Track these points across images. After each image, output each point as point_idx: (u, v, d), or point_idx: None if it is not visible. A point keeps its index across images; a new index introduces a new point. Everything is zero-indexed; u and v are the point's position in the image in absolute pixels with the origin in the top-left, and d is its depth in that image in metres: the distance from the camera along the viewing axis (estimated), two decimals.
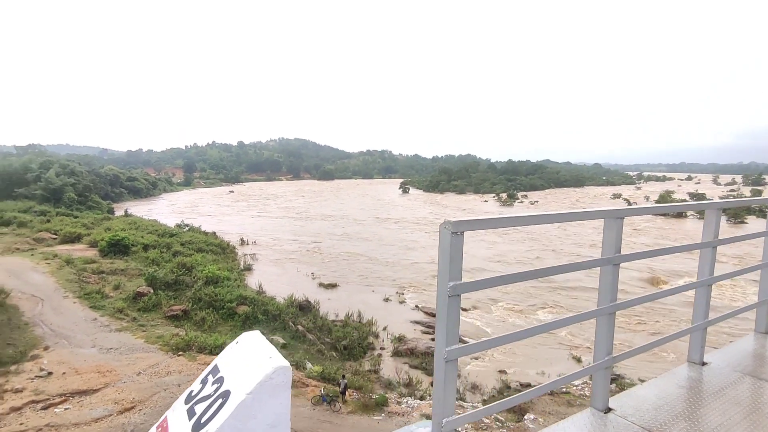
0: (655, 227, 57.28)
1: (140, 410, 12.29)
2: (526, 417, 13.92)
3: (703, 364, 3.08)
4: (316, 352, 19.40)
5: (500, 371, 18.80)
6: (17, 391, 13.00)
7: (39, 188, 51.15)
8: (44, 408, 12.22)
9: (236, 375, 1.41)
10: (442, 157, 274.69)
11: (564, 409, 14.92)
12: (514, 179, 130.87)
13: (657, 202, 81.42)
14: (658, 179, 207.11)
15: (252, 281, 29.79)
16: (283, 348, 18.34)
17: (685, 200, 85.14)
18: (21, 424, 11.41)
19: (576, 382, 17.12)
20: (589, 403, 2.52)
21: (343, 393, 14.38)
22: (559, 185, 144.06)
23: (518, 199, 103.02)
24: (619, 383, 16.77)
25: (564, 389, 16.62)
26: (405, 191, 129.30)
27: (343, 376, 15.53)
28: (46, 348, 16.12)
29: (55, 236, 35.84)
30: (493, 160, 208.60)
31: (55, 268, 25.83)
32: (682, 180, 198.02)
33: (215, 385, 1.47)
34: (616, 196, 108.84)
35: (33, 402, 12.47)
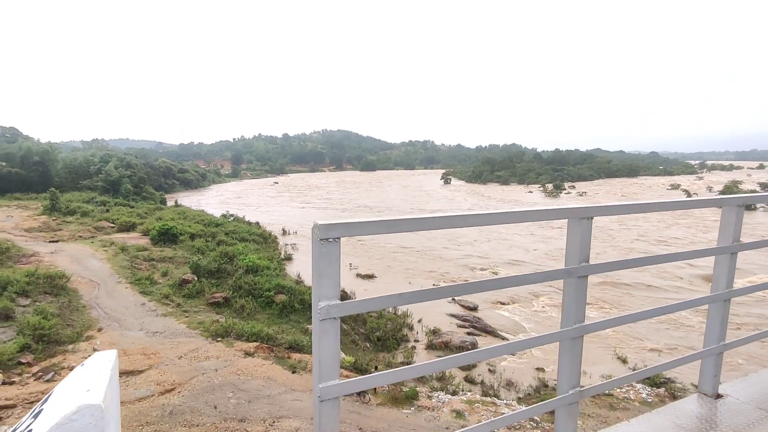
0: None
1: (179, 392, 12.87)
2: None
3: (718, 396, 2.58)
4: (350, 342, 19.56)
5: (537, 368, 18.18)
6: (72, 369, 13.99)
7: (100, 180, 54.80)
8: None
9: (48, 411, 1.11)
10: (485, 147, 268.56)
11: (605, 413, 14.19)
12: (561, 169, 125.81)
13: (722, 192, 75.42)
14: (723, 168, 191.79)
15: (291, 271, 30.49)
16: None
17: (754, 191, 78.46)
18: None
19: (623, 386, 16.24)
20: (635, 408, 2.48)
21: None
22: (611, 175, 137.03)
23: (565, 189, 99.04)
24: (669, 388, 15.76)
25: (608, 392, 15.83)
26: (447, 182, 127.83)
27: (376, 368, 15.57)
28: (99, 329, 17.25)
29: (113, 225, 38.35)
30: (539, 150, 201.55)
31: (111, 255, 27.60)
32: (753, 168, 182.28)
33: (29, 422, 1.15)
34: (674, 186, 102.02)
35: None
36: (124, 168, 58.94)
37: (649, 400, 14.67)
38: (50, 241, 30.97)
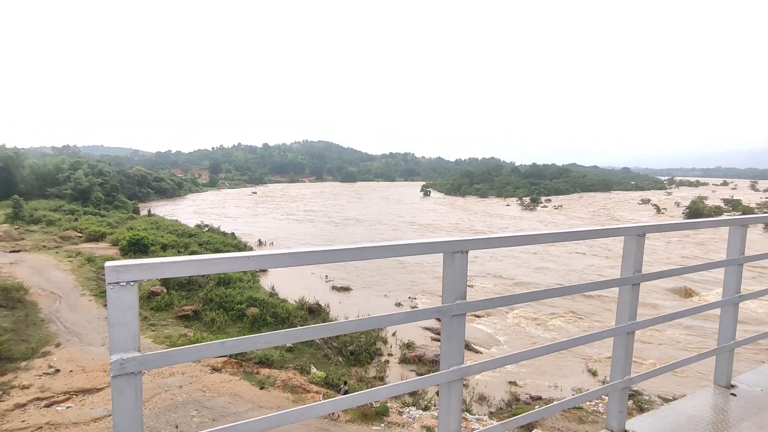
0: (717, 238, 54.24)
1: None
2: None
3: (731, 386, 2.85)
4: (323, 356, 19.19)
5: (510, 382, 18.15)
6: (24, 387, 13.25)
7: (69, 188, 53.02)
8: (47, 406, 12.40)
9: None
10: (465, 160, 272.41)
11: (575, 426, 14.24)
12: (538, 183, 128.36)
13: (688, 207, 78.10)
14: (690, 184, 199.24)
15: (266, 282, 29.91)
16: (288, 351, 18.23)
17: (719, 207, 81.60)
18: (23, 421, 11.58)
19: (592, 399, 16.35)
20: (603, 421, 2.37)
21: None
22: (585, 189, 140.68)
23: (542, 203, 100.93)
24: (637, 400, 15.92)
25: (578, 405, 15.90)
26: (426, 194, 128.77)
27: (345, 383, 15.27)
28: (57, 345, 16.46)
29: (81, 235, 37.01)
30: (517, 164, 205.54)
31: (76, 266, 26.57)
32: (717, 185, 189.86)
33: None
34: (645, 201, 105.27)
35: (37, 399, 12.67)
36: (96, 175, 57.24)
37: None
38: (11, 251, 29.61)
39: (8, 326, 16.29)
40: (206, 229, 46.20)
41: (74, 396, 12.96)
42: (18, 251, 29.85)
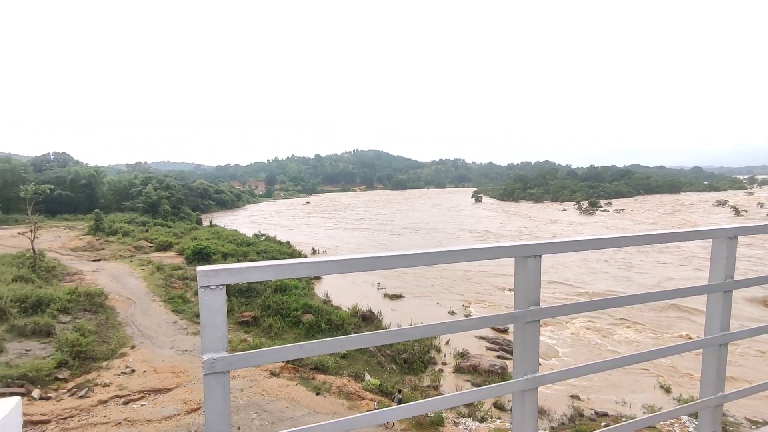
0: None
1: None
2: None
3: None
4: (376, 364, 19.28)
5: (572, 396, 17.27)
6: (105, 385, 14.39)
7: (140, 201, 57.47)
8: (125, 403, 13.38)
9: None
10: (518, 164, 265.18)
11: None
12: (596, 186, 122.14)
13: None
14: None
15: (319, 290, 30.61)
16: (342, 358, 18.47)
17: None
18: (105, 416, 12.56)
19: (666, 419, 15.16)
20: None
21: None
22: (650, 192, 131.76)
23: (601, 207, 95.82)
24: (724, 423, 14.57)
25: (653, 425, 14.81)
26: (478, 200, 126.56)
27: (399, 391, 15.23)
28: (133, 347, 17.75)
29: (151, 244, 39.88)
30: (573, 167, 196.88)
31: (147, 274, 28.61)
32: None
33: None
34: (721, 202, 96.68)
35: (117, 396, 13.71)
36: (163, 189, 61.62)
37: None
38: (93, 260, 32.50)
39: (92, 328, 17.81)
40: (263, 238, 48.13)
41: (147, 395, 13.89)
42: (99, 260, 32.67)
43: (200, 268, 1.23)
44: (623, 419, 15.40)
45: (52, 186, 41.28)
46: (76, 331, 16.90)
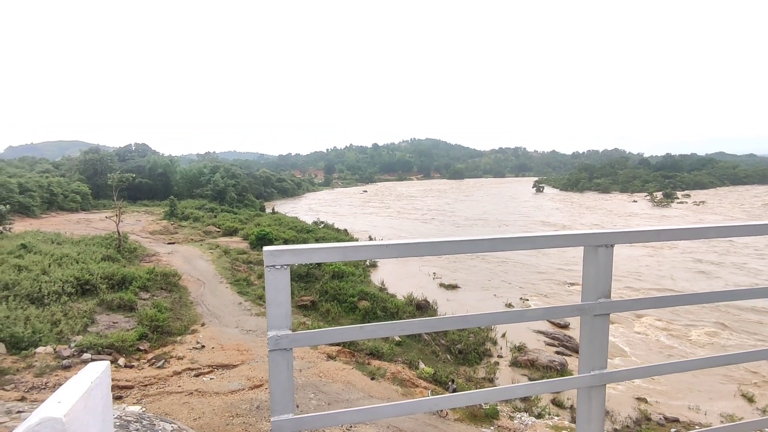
0: None
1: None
2: None
3: None
4: (430, 353, 19.32)
5: (638, 398, 16.29)
6: (179, 358, 15.63)
7: (209, 189, 61.21)
8: (196, 375, 14.45)
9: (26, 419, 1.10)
10: (583, 152, 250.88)
11: None
12: (672, 176, 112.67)
13: None
14: None
15: (375, 278, 31.08)
16: (397, 346, 18.69)
17: None
18: (179, 386, 13.66)
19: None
20: None
21: None
22: (737, 182, 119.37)
23: (678, 198, 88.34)
24: None
25: None
26: (539, 190, 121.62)
27: (453, 380, 15.17)
28: (203, 324, 19.09)
29: (219, 229, 42.50)
30: (646, 155, 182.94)
31: (215, 257, 30.52)
32: None
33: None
34: None
35: (189, 369, 14.84)
36: (230, 178, 65.17)
37: None
38: (168, 243, 35.21)
39: (168, 306, 19.37)
40: (322, 225, 49.55)
41: (215, 369, 14.91)
42: (173, 243, 35.33)
43: (267, 248, 1.27)
44: (697, 427, 14.31)
45: (134, 175, 45.01)
46: (155, 307, 18.44)
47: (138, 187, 58.33)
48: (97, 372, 1.22)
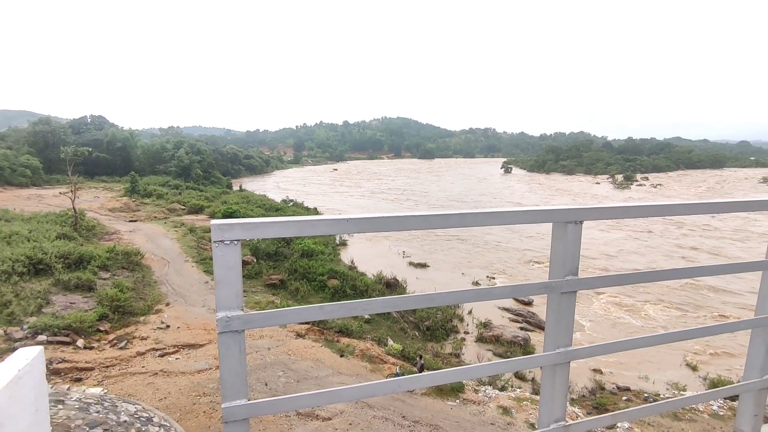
0: None
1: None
2: (619, 425, 12.55)
3: None
4: (399, 330, 19.63)
5: (594, 370, 17.20)
6: (143, 338, 15.23)
7: (173, 165, 58.93)
8: (161, 355, 14.15)
9: None
10: (550, 135, 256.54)
11: (668, 422, 13.16)
12: (633, 159, 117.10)
13: None
14: None
15: (346, 256, 31.08)
16: (366, 323, 18.87)
17: None
18: (143, 367, 13.35)
19: (687, 393, 14.95)
20: (703, 420, 2.14)
21: (420, 372, 14.40)
22: (691, 166, 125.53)
23: (637, 181, 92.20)
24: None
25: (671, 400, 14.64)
26: (507, 171, 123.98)
27: (420, 356, 15.51)
28: (167, 304, 18.62)
29: (184, 207, 41.15)
30: (610, 138, 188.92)
31: (180, 235, 29.63)
32: None
33: None
34: (767, 180, 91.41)
35: (153, 349, 14.50)
36: (195, 154, 62.88)
37: (721, 413, 13.39)
38: (129, 221, 33.86)
39: (130, 285, 18.73)
40: (291, 204, 48.85)
41: (181, 349, 14.64)
42: (135, 221, 34.02)
43: (214, 221, 1.18)
44: (645, 395, 15.28)
45: (90, 149, 42.68)
46: (116, 287, 17.79)
47: (95, 161, 55.39)
48: (27, 359, 1.10)
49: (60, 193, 34.67)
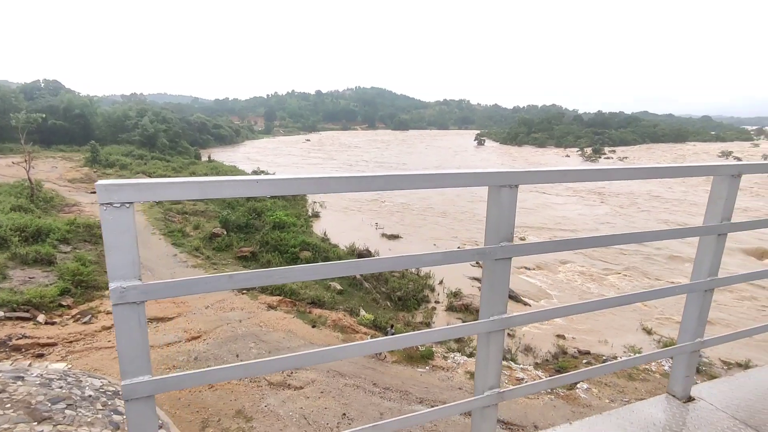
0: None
1: (204, 340, 13.53)
2: (579, 386, 13.28)
3: None
4: (371, 300, 19.89)
5: (558, 335, 18.00)
6: (108, 312, 14.85)
7: (137, 134, 56.39)
8: None
9: None
10: (523, 107, 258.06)
11: (623, 382, 14.00)
12: (602, 133, 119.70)
13: None
14: None
15: (318, 228, 30.93)
16: (339, 294, 19.01)
17: None
18: (108, 341, 13.10)
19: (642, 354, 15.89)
20: (655, 380, 2.22)
21: None
22: (656, 140, 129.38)
23: (605, 154, 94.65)
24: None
25: None
26: (480, 143, 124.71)
27: (392, 326, 15.82)
28: None
29: (150, 178, 39.72)
30: (581, 112, 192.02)
31: (146, 207, 28.66)
32: None
33: None
34: (725, 153, 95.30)
35: None
36: (160, 122, 60.26)
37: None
38: (91, 192, 32.42)
39: (93, 259, 18.12)
40: (262, 175, 47.87)
41: (150, 323, 14.39)
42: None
43: (100, 182, 1.07)
44: (604, 357, 16.17)
45: (44, 115, 40.18)
46: (77, 260, 17.19)
47: (51, 129, 52.36)
48: None
49: (13, 162, 32.77)
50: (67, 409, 7.81)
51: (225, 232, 24.46)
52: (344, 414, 10.74)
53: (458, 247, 21.50)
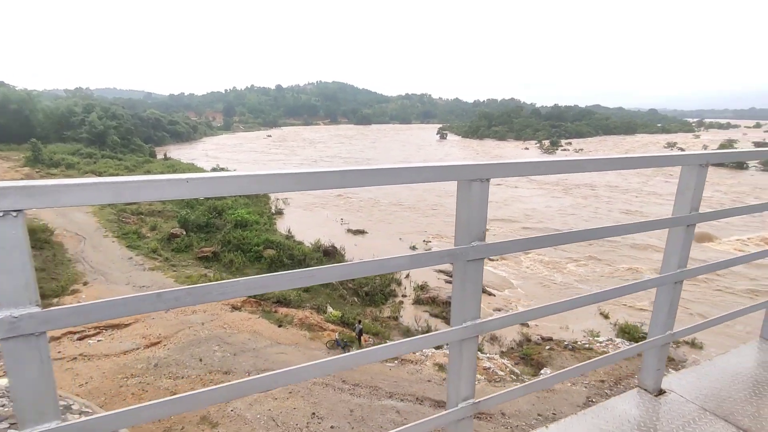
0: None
1: (165, 346, 12.97)
2: (542, 371, 13.70)
3: None
4: (338, 297, 19.73)
5: (522, 324, 18.51)
6: None
7: (84, 131, 53.27)
8: (80, 339, 13.13)
9: None
10: (484, 101, 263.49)
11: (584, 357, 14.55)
12: (558, 126, 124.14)
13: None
14: (721, 126, 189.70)
15: (282, 226, 30.34)
16: (305, 292, 18.73)
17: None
18: (59, 352, 12.32)
19: (600, 338, 16.61)
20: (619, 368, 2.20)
21: (358, 338, 14.62)
22: (608, 132, 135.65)
23: (562, 146, 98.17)
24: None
25: (587, 345, 16.17)
26: (442, 137, 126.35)
27: (359, 321, 15.74)
28: (85, 283, 17.19)
29: None
30: (538, 105, 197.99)
31: (97, 209, 27.19)
32: (749, 128, 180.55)
33: None
34: (671, 144, 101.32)
35: (70, 333, 13.39)
36: (110, 119, 57.17)
37: (632, 357, 15.03)
38: None
39: (38, 265, 16.96)
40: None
41: (104, 331, 13.66)
42: None
43: None
44: (565, 343, 16.76)
45: None
46: None
47: None
48: None
49: None
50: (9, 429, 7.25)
51: (184, 232, 23.57)
52: (314, 413, 10.59)
53: (424, 241, 21.66)
